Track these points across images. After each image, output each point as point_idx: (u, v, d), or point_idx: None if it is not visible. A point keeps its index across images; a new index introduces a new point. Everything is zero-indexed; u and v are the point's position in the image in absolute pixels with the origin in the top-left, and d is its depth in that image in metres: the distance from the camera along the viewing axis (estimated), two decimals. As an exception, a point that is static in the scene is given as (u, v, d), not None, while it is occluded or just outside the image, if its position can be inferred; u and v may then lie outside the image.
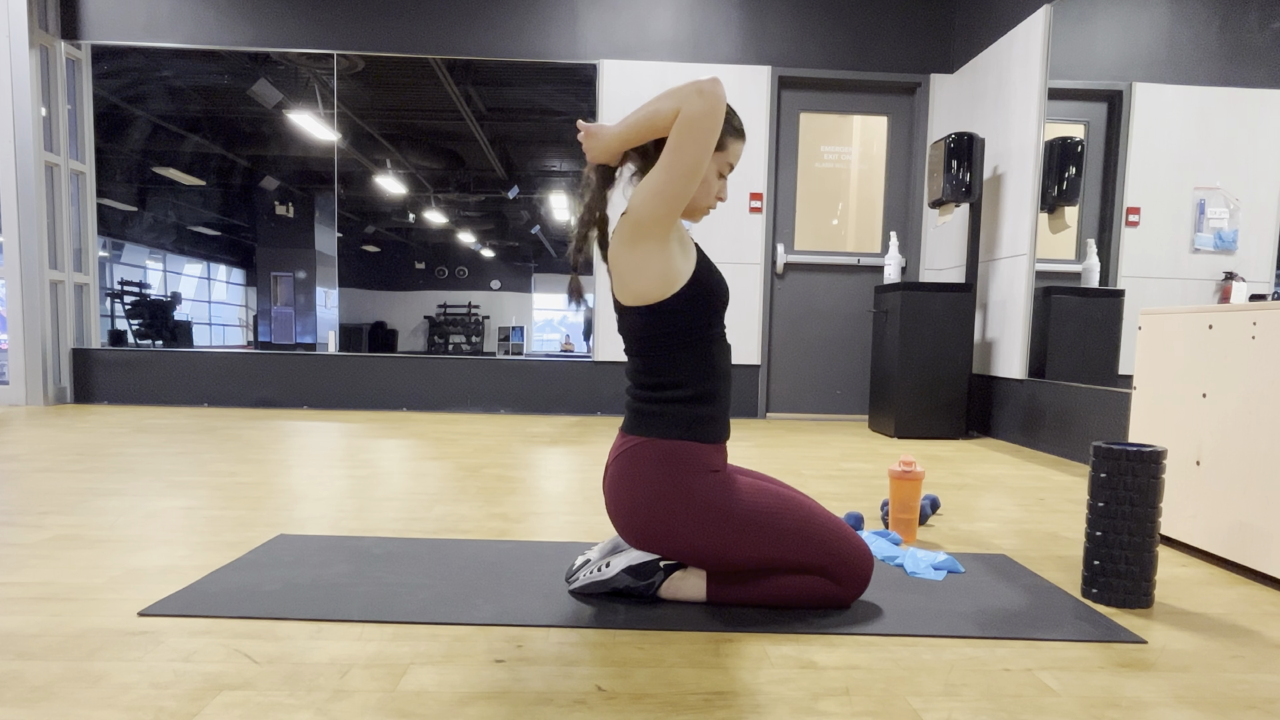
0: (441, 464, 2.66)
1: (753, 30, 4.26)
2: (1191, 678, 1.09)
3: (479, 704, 0.96)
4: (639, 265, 1.24)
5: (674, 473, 1.25)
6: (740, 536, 1.25)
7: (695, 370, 1.28)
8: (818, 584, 1.28)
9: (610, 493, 1.31)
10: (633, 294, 1.26)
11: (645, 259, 1.23)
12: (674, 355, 1.27)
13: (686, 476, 1.25)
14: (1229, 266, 2.46)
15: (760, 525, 1.25)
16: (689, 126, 1.15)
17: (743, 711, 0.95)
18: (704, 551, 1.26)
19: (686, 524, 1.25)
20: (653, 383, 1.29)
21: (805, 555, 1.26)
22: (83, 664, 1.04)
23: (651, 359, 1.29)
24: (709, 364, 1.29)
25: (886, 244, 4.46)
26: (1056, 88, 3.30)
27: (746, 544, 1.25)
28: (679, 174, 1.17)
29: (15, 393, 4.13)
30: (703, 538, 1.25)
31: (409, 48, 4.25)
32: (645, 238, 1.22)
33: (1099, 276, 2.98)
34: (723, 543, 1.25)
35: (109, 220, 4.45)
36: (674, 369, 1.28)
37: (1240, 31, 2.39)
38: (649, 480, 1.26)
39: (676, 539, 1.26)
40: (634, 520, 1.27)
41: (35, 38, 4.06)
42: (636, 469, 1.27)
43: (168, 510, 1.91)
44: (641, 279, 1.24)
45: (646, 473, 1.26)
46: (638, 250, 1.23)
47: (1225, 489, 1.61)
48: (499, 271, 4.62)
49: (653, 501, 1.25)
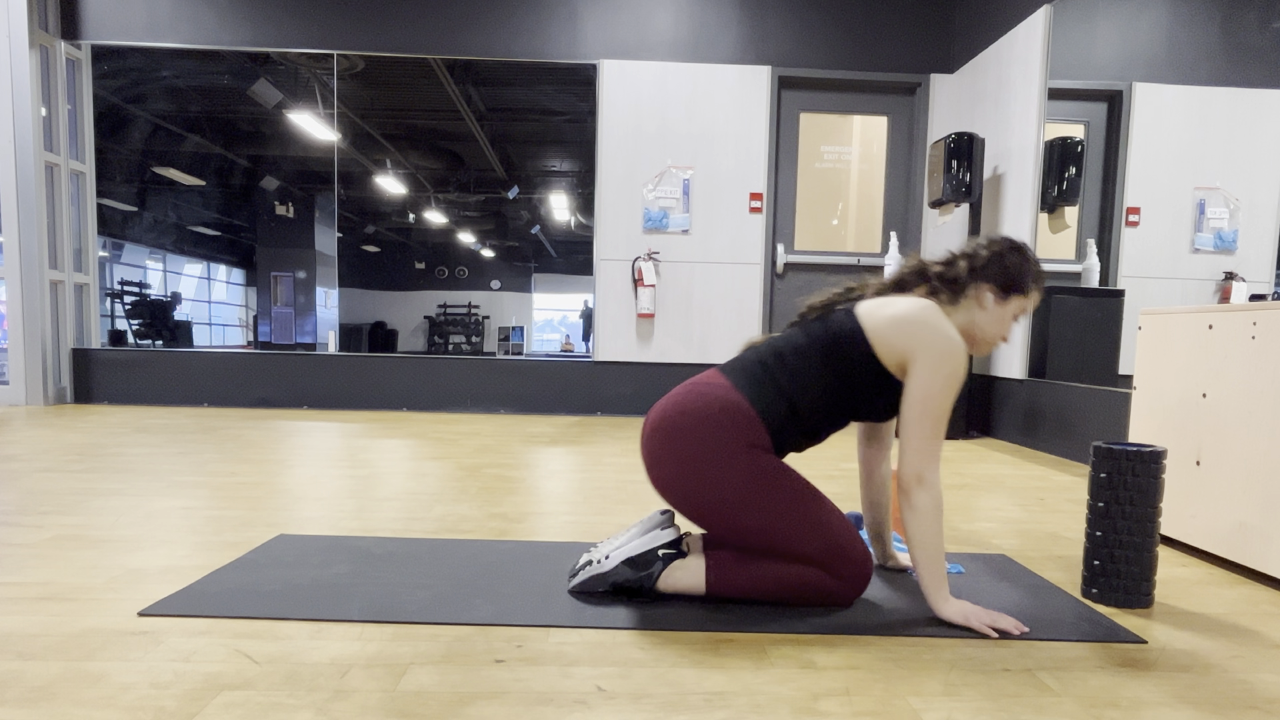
0: (441, 464, 2.66)
1: (753, 30, 4.26)
2: (1191, 678, 1.09)
3: (479, 704, 0.96)
4: (894, 354, 1.29)
5: (739, 426, 1.27)
6: (765, 496, 1.25)
7: (823, 413, 1.32)
8: (817, 578, 1.28)
9: (675, 407, 1.31)
10: (889, 348, 1.28)
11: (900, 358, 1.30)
12: (829, 391, 1.30)
13: (747, 434, 1.27)
14: (1229, 266, 2.46)
15: (784, 495, 1.26)
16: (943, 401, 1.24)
17: (743, 711, 0.95)
18: (728, 499, 1.26)
19: (726, 462, 1.25)
20: (793, 384, 1.30)
21: (813, 541, 1.26)
22: (83, 664, 1.04)
23: (817, 375, 1.30)
24: (828, 422, 1.34)
25: (886, 244, 4.46)
26: (1056, 88, 3.30)
27: (767, 508, 1.25)
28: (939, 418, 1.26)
29: (15, 393, 4.13)
30: (732, 482, 1.25)
31: (409, 48, 4.25)
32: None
33: (1099, 276, 2.98)
34: (747, 497, 1.25)
35: (109, 220, 4.45)
36: (815, 394, 1.30)
37: (1240, 31, 2.39)
38: (717, 413, 1.27)
39: (710, 475, 1.26)
40: (682, 441, 1.28)
41: (35, 38, 4.06)
42: (715, 396, 1.29)
43: (168, 510, 1.91)
44: (896, 357, 1.28)
45: (720, 408, 1.28)
46: (896, 356, 1.29)
47: (1225, 489, 1.61)
48: (499, 271, 4.62)
49: (708, 430, 1.27)
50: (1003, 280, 1.33)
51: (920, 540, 1.24)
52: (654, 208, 4.29)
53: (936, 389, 1.23)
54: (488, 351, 4.61)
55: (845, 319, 1.31)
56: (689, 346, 4.35)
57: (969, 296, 1.35)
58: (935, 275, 1.37)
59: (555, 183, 4.52)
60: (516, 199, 4.52)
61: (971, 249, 1.36)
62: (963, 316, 1.36)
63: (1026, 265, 1.34)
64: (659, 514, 1.38)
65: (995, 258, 1.34)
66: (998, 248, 1.34)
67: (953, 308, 1.36)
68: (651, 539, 1.34)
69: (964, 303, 1.36)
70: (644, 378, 4.37)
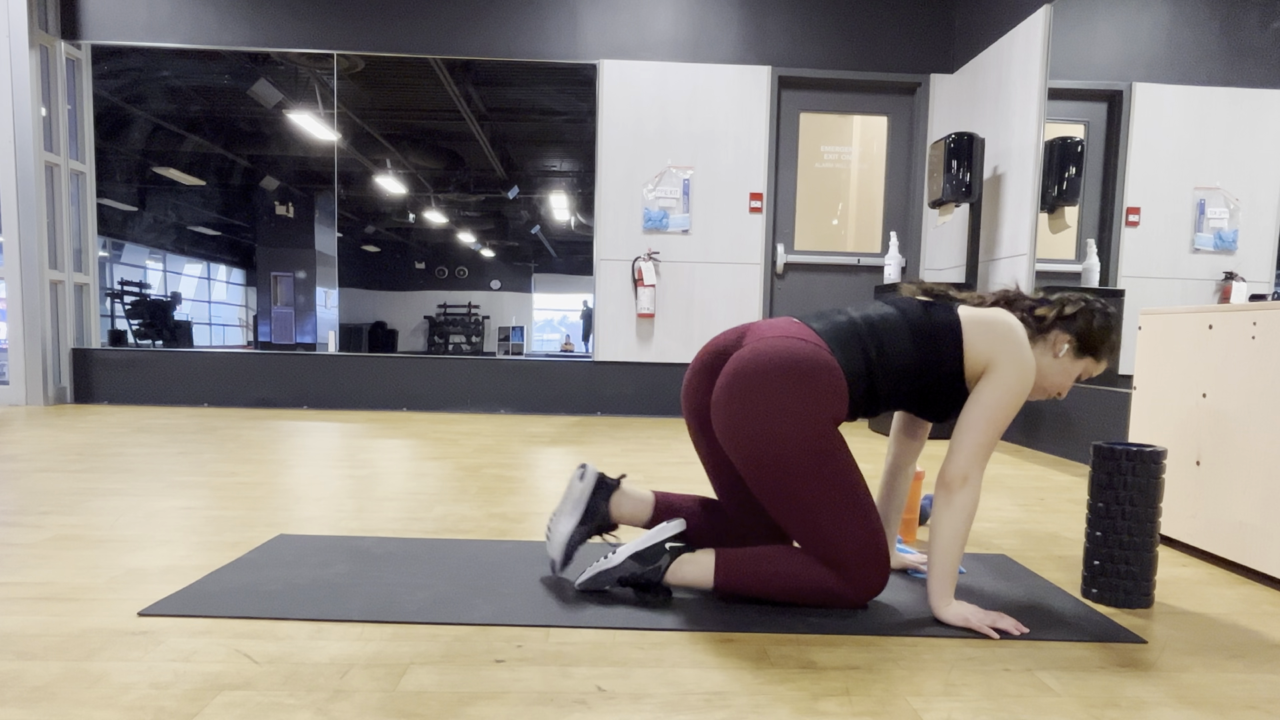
0: (441, 464, 2.66)
1: (753, 30, 4.26)
2: (1191, 678, 1.09)
3: (479, 704, 0.96)
4: (977, 358, 1.30)
5: (828, 391, 1.24)
6: (828, 473, 1.23)
7: (892, 395, 1.32)
8: (827, 580, 1.26)
9: (769, 351, 1.26)
10: (975, 352, 1.29)
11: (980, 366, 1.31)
12: (908, 377, 1.30)
13: (833, 400, 1.24)
14: (1229, 266, 2.46)
15: (845, 479, 1.24)
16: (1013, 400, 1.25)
17: (743, 711, 0.95)
18: (792, 462, 1.22)
19: (807, 423, 1.22)
20: (880, 358, 1.29)
21: (853, 534, 1.24)
22: (83, 664, 1.04)
23: (904, 357, 1.29)
24: (890, 404, 1.34)
25: (886, 244, 4.46)
26: (1056, 88, 3.30)
27: (825, 484, 1.22)
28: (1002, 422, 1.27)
29: (15, 393, 4.13)
30: (805, 446, 1.22)
31: (409, 48, 4.25)
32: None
33: (1099, 276, 2.98)
34: (812, 467, 1.22)
35: (109, 220, 4.45)
36: (895, 375, 1.30)
37: (1240, 31, 2.39)
38: (811, 371, 1.24)
39: (785, 431, 1.22)
40: (768, 389, 1.23)
41: (35, 38, 4.06)
42: (810, 354, 1.25)
43: (168, 510, 1.91)
44: (978, 362, 1.29)
45: (815, 366, 1.24)
46: (978, 360, 1.30)
47: (1225, 489, 1.61)
48: (499, 271, 4.62)
49: (800, 386, 1.23)
50: (1084, 338, 1.35)
51: (947, 538, 1.24)
52: (654, 208, 4.29)
53: (1006, 400, 1.24)
54: (488, 351, 4.61)
55: (948, 314, 1.31)
56: (689, 347, 4.35)
57: (1047, 340, 1.37)
58: (1025, 308, 1.39)
59: (555, 183, 4.52)
60: (516, 199, 4.52)
61: (1066, 298, 1.38)
62: (1035, 354, 1.37)
63: (1109, 334, 1.36)
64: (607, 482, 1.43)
65: (1086, 314, 1.35)
66: (1091, 306, 1.36)
67: (1030, 343, 1.37)
68: (658, 532, 1.34)
69: (1040, 343, 1.37)
70: (644, 378, 4.37)
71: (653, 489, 1.55)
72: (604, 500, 1.42)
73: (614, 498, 1.43)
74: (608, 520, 1.43)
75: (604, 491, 1.43)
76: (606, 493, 1.43)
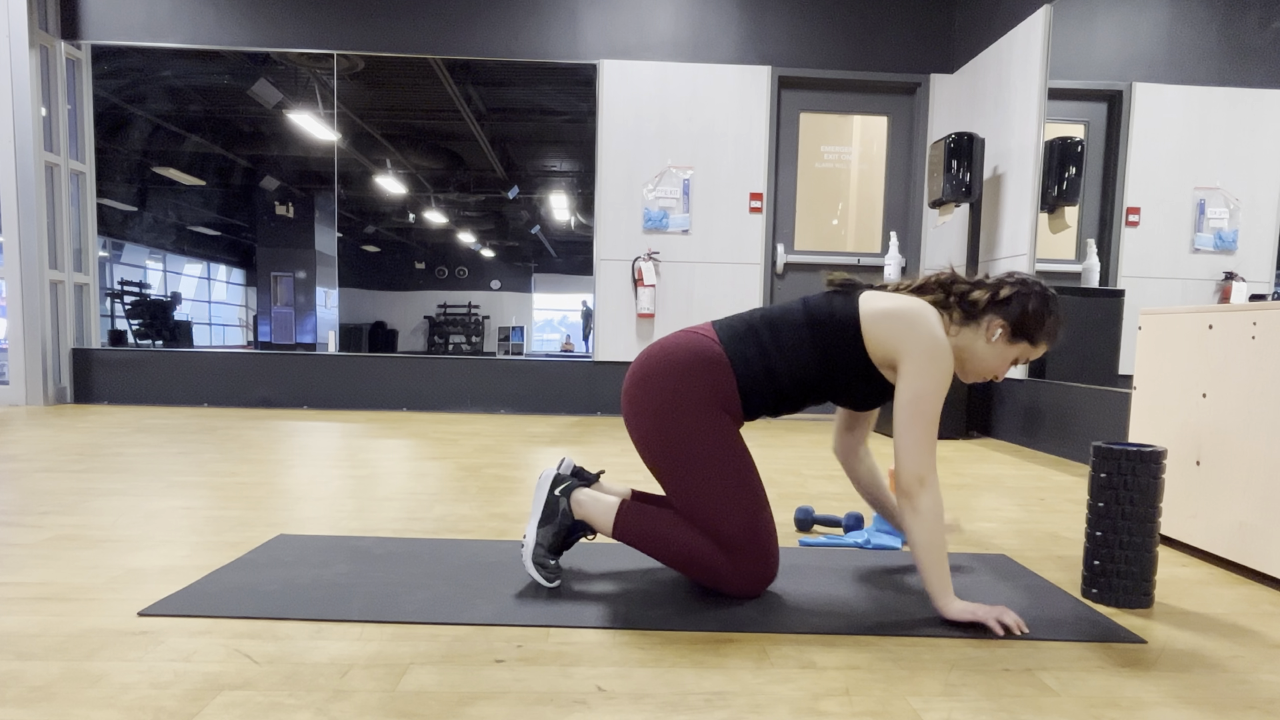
0: (441, 464, 2.66)
1: (753, 30, 4.26)
2: (1191, 678, 1.09)
3: (479, 704, 0.96)
4: (881, 348, 1.31)
5: (712, 380, 1.31)
6: (713, 458, 1.29)
7: (800, 386, 1.34)
8: (715, 560, 1.29)
9: (660, 350, 1.36)
10: (876, 342, 1.30)
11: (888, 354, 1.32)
12: (810, 368, 1.32)
13: (718, 390, 1.31)
14: (1229, 266, 2.46)
15: (731, 466, 1.29)
16: (932, 400, 1.25)
17: (743, 711, 0.95)
18: (681, 450, 1.29)
19: (692, 413, 1.29)
20: (778, 351, 1.32)
21: (734, 521, 1.28)
22: (83, 664, 1.04)
23: (803, 350, 1.32)
24: (804, 396, 1.36)
25: (886, 244, 4.46)
26: (1056, 88, 3.30)
27: (710, 469, 1.28)
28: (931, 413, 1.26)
29: (15, 393, 4.13)
30: (691, 435, 1.29)
31: (409, 48, 4.25)
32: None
33: (1099, 276, 2.98)
34: (698, 453, 1.29)
35: (109, 220, 4.45)
36: (797, 367, 1.32)
37: (1240, 31, 2.39)
38: (694, 361, 1.32)
39: (674, 424, 1.30)
40: (657, 386, 1.32)
41: (35, 38, 4.06)
42: (697, 346, 1.33)
43: (168, 510, 1.91)
44: (883, 351, 1.30)
45: (698, 357, 1.32)
46: (883, 351, 1.31)
47: (1225, 489, 1.61)
48: (499, 271, 4.62)
49: (684, 377, 1.31)
50: (1018, 322, 1.33)
51: (926, 543, 1.24)
52: (654, 208, 4.29)
53: (927, 389, 1.24)
54: (488, 351, 4.61)
55: (846, 304, 1.32)
56: (689, 346, 4.35)
57: (980, 324, 1.35)
58: (959, 293, 1.36)
59: (555, 183, 4.52)
60: (516, 199, 4.52)
61: (1003, 280, 1.36)
62: (965, 339, 1.36)
63: (1045, 319, 1.33)
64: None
65: (1021, 298, 1.33)
66: (1026, 289, 1.33)
67: (960, 326, 1.36)
68: (541, 491, 1.38)
69: (972, 327, 1.35)
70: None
71: (633, 488, 1.55)
72: (565, 496, 1.38)
73: (576, 495, 1.38)
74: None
75: (563, 487, 1.39)
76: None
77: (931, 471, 1.24)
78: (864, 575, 1.51)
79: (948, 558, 1.28)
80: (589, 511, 1.36)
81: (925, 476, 1.23)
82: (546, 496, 1.37)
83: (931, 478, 1.24)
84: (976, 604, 1.25)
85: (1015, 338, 1.34)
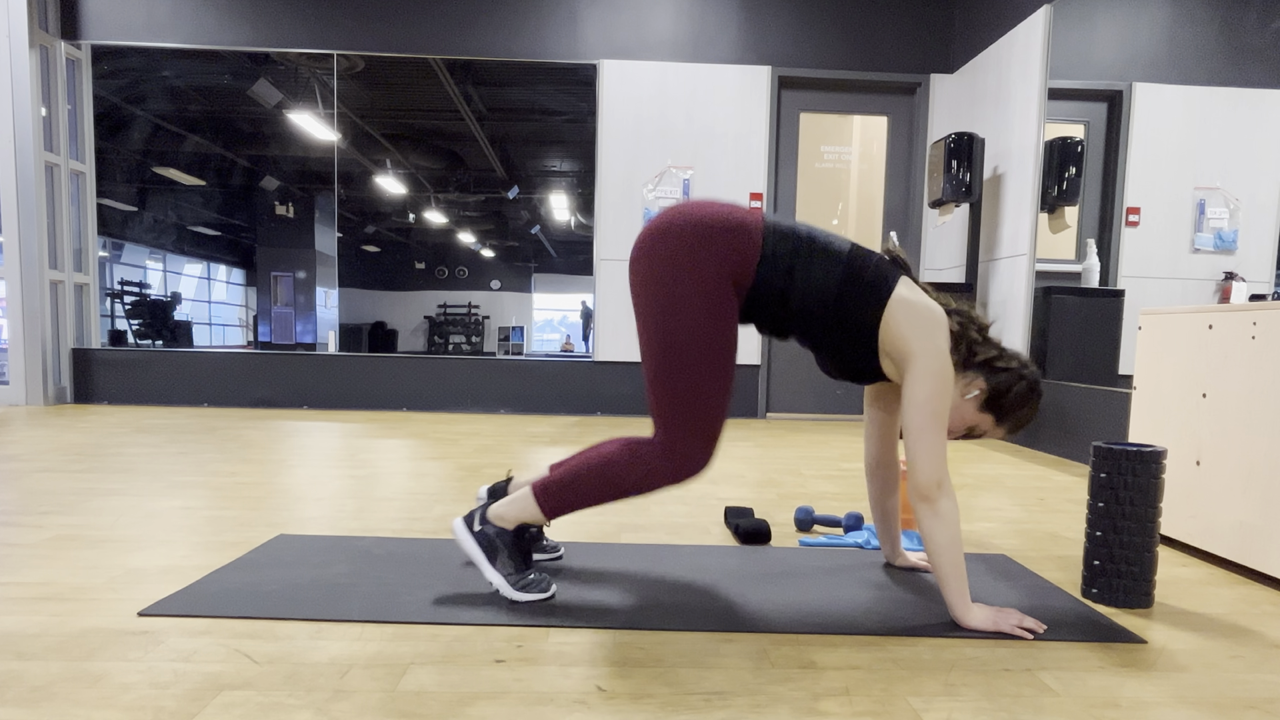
0: (441, 464, 2.66)
1: (753, 30, 4.26)
2: (1191, 678, 1.09)
3: (479, 704, 0.96)
4: (892, 338, 1.28)
5: (729, 231, 1.24)
6: (704, 336, 1.23)
7: (801, 321, 1.29)
8: (644, 458, 1.26)
9: (693, 206, 1.28)
10: (894, 324, 1.27)
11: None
12: (816, 314, 1.27)
13: (730, 244, 1.24)
14: (1229, 266, 2.46)
15: (720, 350, 1.24)
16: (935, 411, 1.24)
17: (743, 711, 0.95)
18: (666, 296, 1.24)
19: (700, 270, 1.23)
20: (804, 281, 1.26)
21: (696, 403, 1.24)
22: (83, 664, 1.04)
23: (823, 294, 1.27)
24: (799, 332, 1.32)
25: (886, 244, 4.45)
26: (1056, 88, 3.30)
27: (685, 330, 1.23)
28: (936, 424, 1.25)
29: (15, 393, 4.13)
30: (677, 281, 1.23)
31: (409, 48, 4.25)
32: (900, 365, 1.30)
33: (1099, 276, 2.98)
34: (677, 308, 1.23)
35: (109, 220, 4.45)
36: (807, 304, 1.27)
37: (1240, 31, 2.39)
38: (720, 214, 1.26)
39: (669, 265, 1.24)
40: (674, 225, 1.26)
41: (35, 38, 4.06)
42: (741, 212, 1.27)
43: (168, 510, 1.91)
44: (893, 336, 1.27)
45: (736, 222, 1.25)
46: (893, 340, 1.28)
47: (1225, 489, 1.61)
48: (499, 271, 4.62)
49: (699, 223, 1.25)
50: (996, 394, 1.32)
51: (947, 546, 1.23)
52: (654, 207, 4.29)
53: (936, 390, 1.23)
54: (488, 351, 4.61)
55: (888, 276, 1.28)
56: (689, 346, 4.35)
57: (964, 376, 1.34)
58: (969, 337, 1.34)
59: (555, 183, 4.52)
60: (516, 199, 4.52)
61: (1006, 351, 1.35)
62: None
63: (1021, 406, 1.33)
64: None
65: (1013, 376, 1.32)
66: (1021, 372, 1.33)
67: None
68: (466, 541, 1.32)
69: (958, 374, 1.34)
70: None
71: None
72: (485, 523, 1.33)
73: (490, 514, 1.33)
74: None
75: (476, 518, 1.34)
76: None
77: (947, 476, 1.24)
78: (864, 575, 1.51)
79: (964, 565, 1.26)
80: (513, 515, 1.31)
81: (942, 481, 1.23)
82: (474, 539, 1.32)
83: (947, 482, 1.24)
84: (994, 610, 1.24)
85: (986, 407, 1.33)
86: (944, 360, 1.24)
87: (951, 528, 1.23)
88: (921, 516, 1.24)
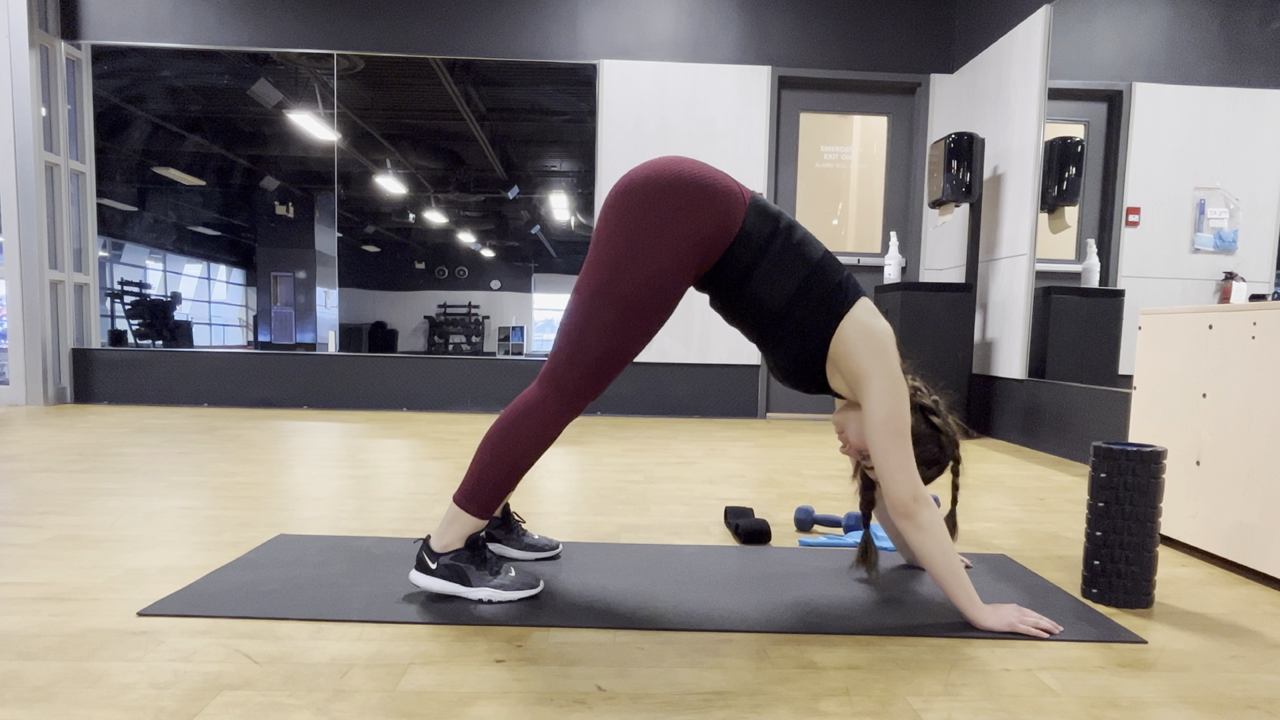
0: (441, 464, 2.66)
1: (753, 30, 4.26)
2: (1191, 678, 1.09)
3: (479, 704, 0.96)
4: (846, 356, 1.30)
5: (716, 193, 1.24)
6: (643, 272, 1.22)
7: (753, 310, 1.30)
8: (533, 407, 1.27)
9: (675, 162, 1.28)
10: (848, 339, 1.29)
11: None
12: (770, 304, 1.28)
13: (715, 205, 1.23)
14: (1229, 266, 2.46)
15: (655, 305, 1.24)
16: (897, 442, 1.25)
17: (743, 711, 0.95)
18: (627, 253, 1.23)
19: (676, 232, 1.22)
20: (783, 253, 1.27)
21: (607, 347, 1.24)
22: (83, 664, 1.04)
23: (793, 282, 1.27)
24: (745, 323, 1.34)
25: (886, 244, 4.46)
26: (1056, 88, 3.30)
27: (629, 282, 1.22)
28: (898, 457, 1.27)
29: (15, 393, 4.13)
30: (647, 244, 1.22)
31: (409, 48, 4.25)
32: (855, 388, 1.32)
33: (1099, 276, 2.98)
34: (642, 264, 1.22)
35: (109, 220, 4.45)
36: (775, 285, 1.27)
37: (1240, 31, 2.39)
38: (709, 174, 1.26)
39: (654, 229, 1.22)
40: (656, 179, 1.24)
41: (35, 38, 4.06)
42: (724, 177, 1.28)
43: (168, 510, 1.91)
44: (845, 351, 1.29)
45: (726, 179, 1.28)
46: (846, 358, 1.30)
47: (1225, 489, 1.61)
48: (499, 271, 4.62)
49: (688, 180, 1.24)
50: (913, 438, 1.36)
51: (939, 554, 1.23)
52: (654, 208, 4.29)
53: (894, 407, 1.24)
54: (488, 351, 4.61)
55: (850, 292, 1.28)
56: (689, 346, 4.35)
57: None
58: (910, 384, 1.39)
59: (555, 183, 4.52)
60: (516, 199, 4.52)
61: (940, 404, 1.40)
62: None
63: (926, 457, 1.38)
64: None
65: (939, 432, 1.38)
66: (943, 430, 1.38)
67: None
68: (432, 584, 1.31)
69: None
70: (644, 378, 4.38)
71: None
72: (439, 556, 1.32)
73: (435, 544, 1.32)
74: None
75: (429, 556, 1.33)
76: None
77: (921, 487, 1.24)
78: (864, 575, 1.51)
79: (961, 567, 1.27)
80: (455, 534, 1.30)
81: (919, 493, 1.23)
82: (438, 578, 1.30)
83: (923, 492, 1.24)
84: (1012, 612, 1.24)
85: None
86: (898, 379, 1.26)
87: (938, 536, 1.23)
88: (907, 533, 1.24)
